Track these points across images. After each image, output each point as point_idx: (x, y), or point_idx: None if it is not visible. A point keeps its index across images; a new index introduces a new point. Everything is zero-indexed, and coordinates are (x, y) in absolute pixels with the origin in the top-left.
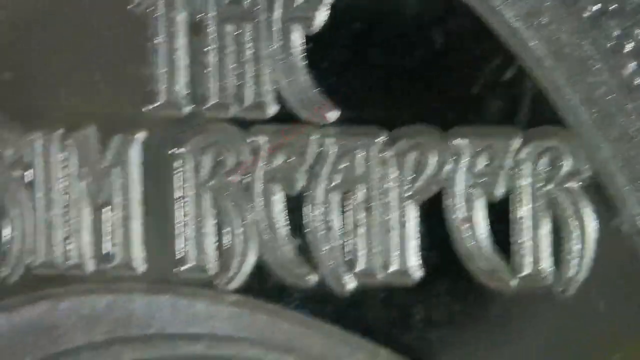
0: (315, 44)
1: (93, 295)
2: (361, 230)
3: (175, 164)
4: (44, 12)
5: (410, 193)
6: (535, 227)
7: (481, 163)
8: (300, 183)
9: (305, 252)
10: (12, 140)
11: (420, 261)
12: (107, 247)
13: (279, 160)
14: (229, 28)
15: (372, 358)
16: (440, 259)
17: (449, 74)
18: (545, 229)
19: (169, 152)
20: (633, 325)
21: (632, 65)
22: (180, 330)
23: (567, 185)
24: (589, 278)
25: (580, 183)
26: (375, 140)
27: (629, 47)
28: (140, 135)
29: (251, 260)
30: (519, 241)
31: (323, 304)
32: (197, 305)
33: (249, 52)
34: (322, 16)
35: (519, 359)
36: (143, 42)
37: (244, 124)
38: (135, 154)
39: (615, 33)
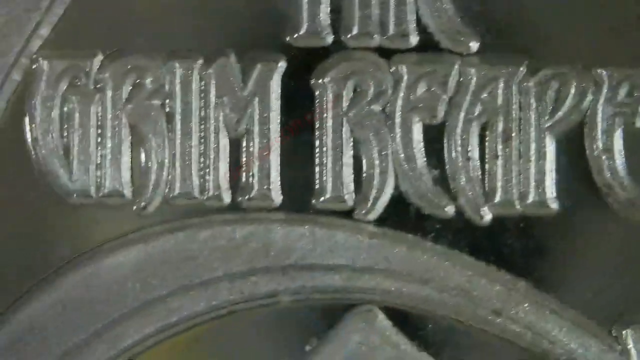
0: None
1: (231, 226)
2: (500, 161)
3: (316, 94)
4: None
5: (549, 124)
6: None
7: (621, 93)
8: (440, 113)
9: (443, 182)
10: (153, 70)
11: (558, 192)
12: (245, 178)
13: (420, 89)
14: None
15: (510, 289)
16: (578, 190)
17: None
18: None
19: (310, 81)
20: None
21: None
22: (318, 261)
23: None
24: None
25: None
26: (517, 70)
27: None
28: (281, 65)
29: (389, 191)
30: None
31: (461, 234)
32: (336, 236)
33: None
34: None
35: None
36: None
37: (386, 54)
38: (275, 84)
39: None
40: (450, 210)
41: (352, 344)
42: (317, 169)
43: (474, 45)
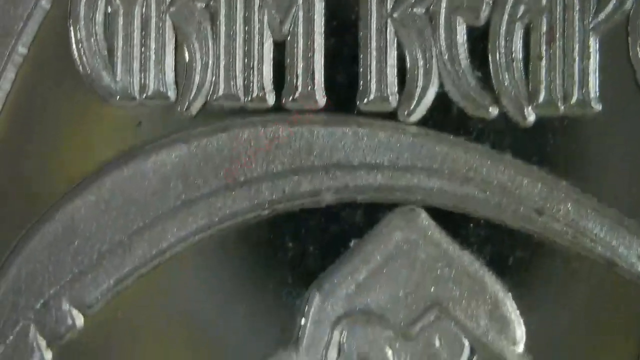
0: None
1: (273, 127)
2: (543, 61)
3: None
4: None
5: (593, 25)
6: None
7: None
8: (484, 14)
9: (487, 83)
10: None
11: (601, 92)
12: (288, 79)
13: None
14: None
15: (552, 188)
16: (621, 90)
17: None
18: None
19: None
20: None
21: None
22: (361, 161)
23: None
24: None
25: None
26: None
27: None
28: None
29: (433, 91)
30: None
31: (504, 135)
32: (378, 136)
33: None
34: None
35: None
36: None
37: None
38: None
39: None
40: (493, 110)
41: (394, 243)
42: (361, 69)
43: None
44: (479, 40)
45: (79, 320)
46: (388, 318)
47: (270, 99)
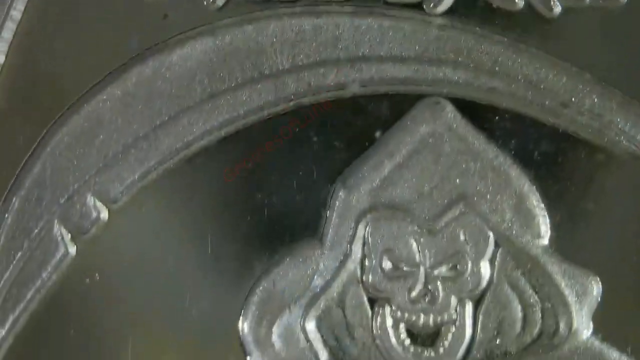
0: None
1: (299, 19)
2: None
3: None
4: None
5: None
6: None
7: None
8: None
9: None
10: None
11: None
12: None
13: None
14: None
15: (577, 82)
16: None
17: None
18: None
19: None
20: None
21: None
22: (387, 53)
23: None
24: None
25: None
26: None
27: None
28: None
29: None
30: None
31: (530, 27)
32: (404, 28)
33: None
34: None
35: None
36: None
37: None
38: None
39: None
40: (519, 2)
41: (419, 136)
42: None
43: None
44: None
45: (104, 214)
46: (413, 212)
47: None
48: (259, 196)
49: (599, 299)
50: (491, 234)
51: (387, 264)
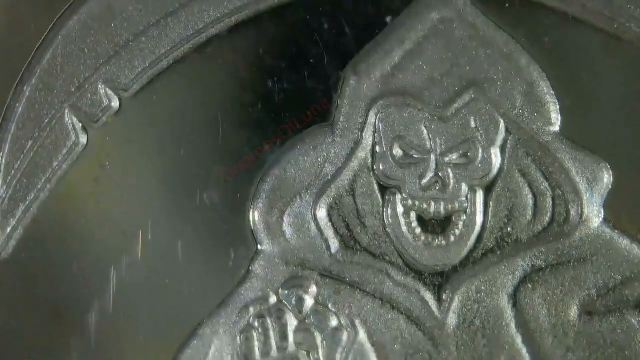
0: None
1: None
2: None
3: None
4: None
5: None
6: None
7: None
8: None
9: None
10: None
11: None
12: None
13: None
14: None
15: None
16: None
17: None
18: None
19: None
20: None
21: None
22: None
23: None
24: None
25: None
26: None
27: None
28: None
29: None
30: None
31: None
32: None
33: None
34: None
35: None
36: None
37: None
38: None
39: None
40: None
41: (430, 21)
42: None
43: None
44: None
45: (115, 103)
46: (423, 99)
47: None
48: (269, 83)
49: (610, 186)
50: (502, 121)
51: (397, 151)
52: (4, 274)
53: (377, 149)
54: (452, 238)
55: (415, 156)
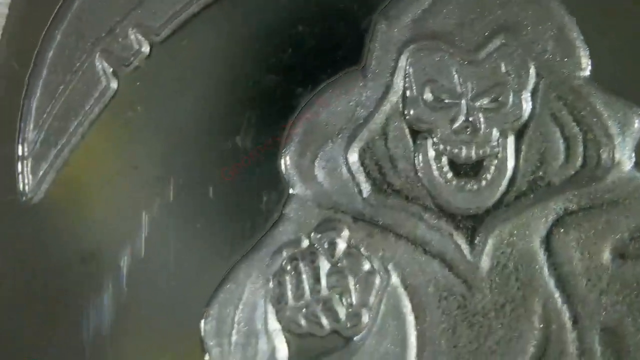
0: None
1: None
2: None
3: None
4: None
5: None
6: None
7: None
8: None
9: None
10: None
11: None
12: None
13: None
14: None
15: None
16: None
17: None
18: None
19: None
20: None
21: None
22: None
23: None
24: None
25: None
26: None
27: None
28: None
29: None
30: None
31: None
32: None
33: None
34: None
35: None
36: None
37: None
38: None
39: None
40: None
41: None
42: None
43: None
44: None
45: (145, 48)
46: (454, 43)
47: None
48: (300, 28)
49: None
50: (532, 65)
51: (428, 96)
52: (36, 218)
53: (408, 93)
54: (484, 182)
55: (446, 100)
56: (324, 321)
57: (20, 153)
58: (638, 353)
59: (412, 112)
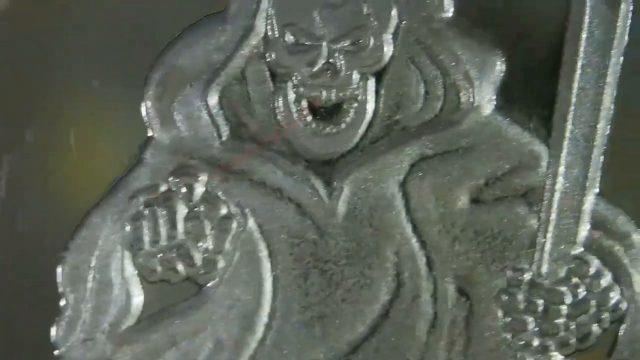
0: None
1: None
2: None
3: None
4: None
5: None
6: None
7: None
8: None
9: None
10: None
11: None
12: None
13: None
14: None
15: None
16: None
17: None
18: None
19: None
20: None
21: None
22: None
23: None
24: None
25: None
26: None
27: None
28: None
29: None
30: None
31: None
32: None
33: None
34: None
35: None
36: None
37: None
38: None
39: None
40: None
41: None
42: None
43: None
44: None
45: None
46: None
47: None
48: None
49: (502, 75)
50: (394, 7)
51: (289, 38)
52: None
53: (269, 35)
54: (343, 125)
55: (307, 43)
56: (179, 267)
57: None
58: (489, 301)
59: (272, 55)
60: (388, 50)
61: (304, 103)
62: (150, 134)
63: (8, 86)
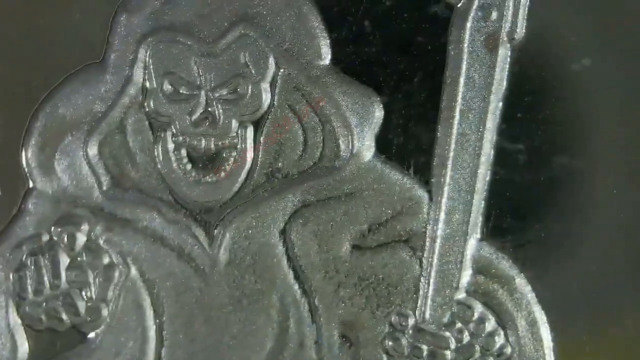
0: None
1: None
2: None
3: None
4: None
5: None
6: None
7: None
8: None
9: None
10: None
11: None
12: None
13: None
14: None
15: None
16: None
17: None
18: None
19: None
20: None
21: None
22: None
23: None
24: None
25: None
26: None
27: None
28: None
29: None
30: None
31: None
32: None
33: None
34: None
35: None
36: None
37: None
38: None
39: None
40: None
41: None
42: None
43: None
44: None
45: None
46: (193, 35)
47: None
48: (40, 20)
49: (381, 120)
50: (271, 55)
51: (167, 87)
52: None
53: (148, 85)
54: (223, 174)
55: (185, 92)
56: (64, 316)
57: None
58: (374, 347)
59: (151, 104)
60: (266, 98)
61: (184, 152)
62: (31, 184)
63: None
